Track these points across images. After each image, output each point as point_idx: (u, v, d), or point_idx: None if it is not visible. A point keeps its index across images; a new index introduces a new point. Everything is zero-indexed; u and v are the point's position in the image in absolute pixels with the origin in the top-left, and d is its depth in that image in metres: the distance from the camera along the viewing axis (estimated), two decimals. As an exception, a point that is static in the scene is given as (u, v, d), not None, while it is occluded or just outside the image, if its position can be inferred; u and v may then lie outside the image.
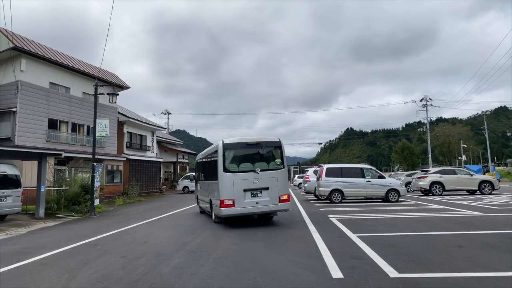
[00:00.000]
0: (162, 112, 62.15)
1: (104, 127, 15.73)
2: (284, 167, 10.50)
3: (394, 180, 18.55)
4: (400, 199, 17.02)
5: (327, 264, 5.56)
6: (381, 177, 17.46)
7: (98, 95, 16.58)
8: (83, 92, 24.00)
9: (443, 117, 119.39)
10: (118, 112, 28.70)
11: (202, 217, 13.12)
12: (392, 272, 5.03)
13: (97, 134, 15.82)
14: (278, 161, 10.56)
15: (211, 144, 14.49)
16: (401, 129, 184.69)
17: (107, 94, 16.11)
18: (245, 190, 9.89)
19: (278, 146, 10.73)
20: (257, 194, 9.97)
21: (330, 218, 11.29)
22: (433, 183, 20.82)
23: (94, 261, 6.43)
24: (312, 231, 8.86)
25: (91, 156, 16.99)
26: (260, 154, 10.58)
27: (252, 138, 10.83)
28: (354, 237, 7.92)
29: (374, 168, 19.15)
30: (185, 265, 5.86)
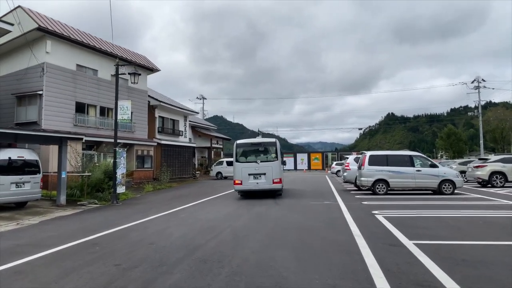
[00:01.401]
0: (197, 97, 61.55)
1: (126, 109, 14.64)
2: (278, 159, 14.69)
3: (449, 169, 16.24)
4: (455, 191, 14.81)
5: (381, 295, 3.90)
6: (433, 165, 15.23)
7: (122, 76, 15.62)
8: (111, 75, 23.19)
9: (493, 101, 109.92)
10: (149, 96, 27.91)
11: (228, 209, 11.77)
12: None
13: (119, 117, 14.80)
14: (273, 155, 14.86)
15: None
16: (445, 114, 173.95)
17: (128, 74, 14.98)
18: (249, 174, 14.33)
19: (274, 144, 15.18)
20: (257, 177, 14.31)
21: (376, 215, 9.51)
22: (493, 173, 18.25)
23: (80, 270, 5.17)
24: (356, 234, 7.14)
25: (119, 141, 16.12)
26: (261, 150, 15.09)
27: (256, 140, 16.23)
28: (410, 245, 6.16)
29: (425, 156, 16.88)
30: (186, 283, 4.42)
